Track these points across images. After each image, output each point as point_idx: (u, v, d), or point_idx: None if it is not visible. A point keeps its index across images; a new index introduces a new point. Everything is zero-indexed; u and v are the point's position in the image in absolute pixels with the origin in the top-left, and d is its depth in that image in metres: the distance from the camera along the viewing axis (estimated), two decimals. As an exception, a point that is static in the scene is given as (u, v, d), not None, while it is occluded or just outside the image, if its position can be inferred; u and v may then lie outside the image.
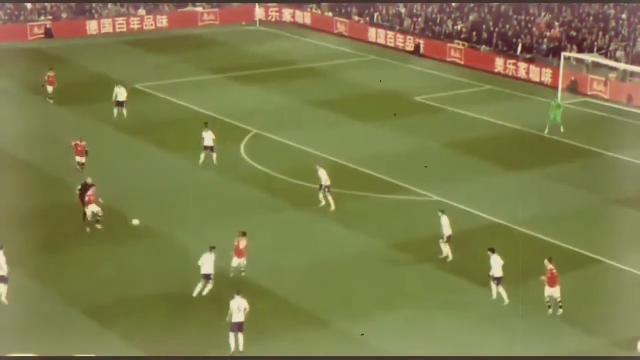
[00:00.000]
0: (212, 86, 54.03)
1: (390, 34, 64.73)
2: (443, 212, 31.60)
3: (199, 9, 71.59)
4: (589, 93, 51.20)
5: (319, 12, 71.11)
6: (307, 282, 29.84)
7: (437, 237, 31.58)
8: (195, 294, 28.39)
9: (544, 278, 27.88)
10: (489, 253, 28.80)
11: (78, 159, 38.40)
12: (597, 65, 52.40)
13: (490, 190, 38.04)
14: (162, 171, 39.79)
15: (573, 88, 52.04)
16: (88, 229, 33.21)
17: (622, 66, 51.70)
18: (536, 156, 42.10)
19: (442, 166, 40.43)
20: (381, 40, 65.13)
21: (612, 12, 57.93)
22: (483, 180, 39.12)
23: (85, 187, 33.63)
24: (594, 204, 36.70)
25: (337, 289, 29.66)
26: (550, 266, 27.89)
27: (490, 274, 28.68)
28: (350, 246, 32.69)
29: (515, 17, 61.03)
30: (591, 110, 49.41)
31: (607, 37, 55.18)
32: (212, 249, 28.58)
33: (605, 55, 53.52)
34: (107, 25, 67.88)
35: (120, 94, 46.39)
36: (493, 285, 28.74)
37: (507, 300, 28.46)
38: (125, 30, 68.16)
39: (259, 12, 71.97)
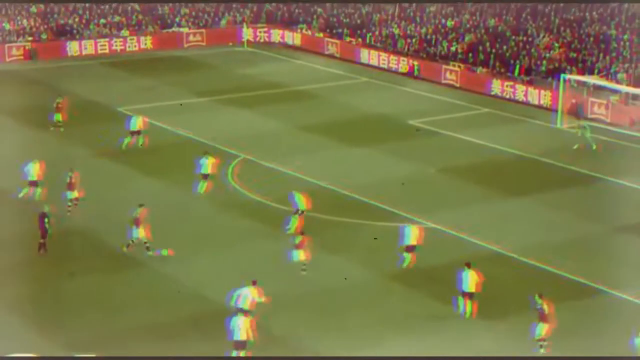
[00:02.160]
0: (198, 109, 54.19)
1: (384, 55, 65.10)
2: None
3: (184, 30, 71.89)
4: (590, 116, 51.49)
5: (309, 32, 71.49)
6: (296, 311, 29.82)
7: (431, 266, 31.71)
8: None
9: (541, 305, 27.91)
10: (465, 267, 29.61)
11: (69, 193, 37.30)
12: (598, 88, 52.73)
13: (487, 217, 38.16)
14: (145, 198, 39.71)
15: (573, 111, 52.32)
16: (125, 249, 33.41)
17: (623, 88, 52.04)
18: (535, 182, 42.30)
19: (437, 192, 40.57)
20: (374, 62, 65.48)
21: (613, 32, 58.36)
22: (480, 206, 39.25)
23: (42, 216, 33.54)
24: (595, 232, 36.84)
25: (326, 318, 29.64)
26: (538, 303, 27.79)
27: (462, 289, 29.47)
28: (342, 274, 32.69)
29: (513, 37, 61.44)
30: (592, 134, 49.59)
31: (607, 58, 55.59)
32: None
33: (607, 77, 53.88)
34: (88, 47, 68.08)
35: (135, 122, 45.94)
36: (461, 300, 29.49)
37: (469, 315, 29.26)
38: (107, 51, 68.40)
39: (247, 32, 72.31)
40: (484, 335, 28.74)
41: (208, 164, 39.84)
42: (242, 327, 26.59)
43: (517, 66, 58.15)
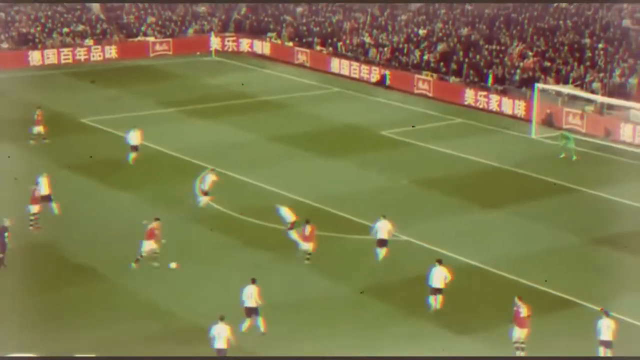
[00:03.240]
0: (165, 120, 54.07)
1: (355, 64, 65.28)
2: (384, 216, 34.46)
3: (150, 39, 71.75)
4: (565, 126, 51.86)
5: (279, 41, 71.58)
6: (269, 328, 29.74)
7: (405, 279, 31.78)
8: None
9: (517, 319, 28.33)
10: (436, 263, 30.78)
11: (33, 207, 37.02)
12: (572, 98, 53.12)
13: (462, 229, 38.29)
14: (110, 211, 39.65)
15: (548, 121, 52.69)
16: (134, 265, 33.46)
17: (598, 98, 52.46)
18: (510, 193, 42.52)
19: (410, 204, 40.68)
20: (345, 71, 65.65)
21: (588, 41, 58.85)
22: (453, 218, 39.39)
23: (2, 230, 33.30)
24: (571, 244, 37.05)
25: (300, 334, 29.61)
26: (517, 305, 28.21)
27: (430, 284, 30.55)
28: (314, 289, 32.69)
29: (486, 46, 61.81)
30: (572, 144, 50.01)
31: (582, 67, 56.04)
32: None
33: (581, 87, 54.31)
34: (51, 56, 67.77)
35: (133, 136, 45.64)
36: (432, 297, 30.54)
37: (438, 307, 30.52)
38: (70, 61, 68.13)
39: (215, 41, 72.29)
40: (461, 347, 28.77)
41: (209, 181, 39.86)
42: (222, 335, 26.99)
43: (491, 75, 58.49)
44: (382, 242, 34.53)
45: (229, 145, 49.13)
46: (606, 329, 27.93)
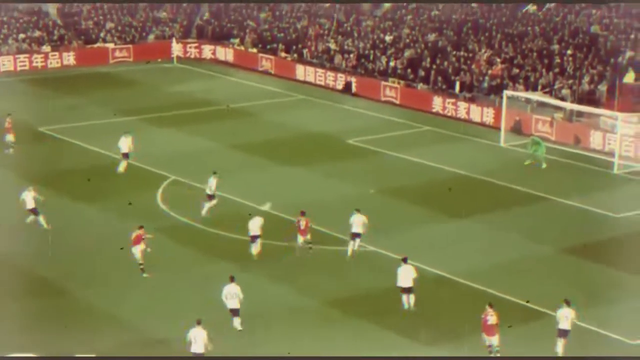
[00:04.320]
0: (126, 129, 53.73)
1: (320, 71, 65.39)
2: (358, 210, 35.75)
3: (110, 45, 71.47)
4: (534, 134, 52.19)
5: (242, 47, 71.56)
6: (234, 342, 29.68)
7: (374, 291, 31.86)
8: None
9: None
10: (402, 262, 31.69)
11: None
12: (541, 105, 53.51)
13: (431, 239, 38.44)
14: (71, 224, 39.43)
15: (517, 129, 53.03)
16: (145, 275, 33.77)
17: (568, 105, 52.89)
18: (479, 202, 42.72)
19: (377, 214, 40.64)
20: (310, 78, 65.75)
21: (556, 47, 59.32)
22: (423, 228, 39.53)
23: None
24: (541, 253, 37.30)
25: (263, 347, 29.56)
26: (487, 312, 28.59)
27: (399, 284, 31.35)
28: (280, 302, 32.67)
29: (453, 52, 62.14)
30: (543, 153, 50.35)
31: (551, 74, 56.47)
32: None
33: (550, 94, 54.72)
34: (6, 63, 67.32)
35: (124, 143, 45.36)
36: (404, 297, 31.41)
37: (413, 307, 31.29)
38: (27, 68, 67.69)
39: (176, 48, 72.15)
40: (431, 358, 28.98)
41: (214, 185, 40.04)
42: (199, 339, 27.59)
43: (458, 82, 58.81)
44: (356, 235, 35.62)
45: (190, 154, 49.00)
46: (564, 318, 28.90)
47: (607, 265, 36.08)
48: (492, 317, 28.59)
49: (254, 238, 35.93)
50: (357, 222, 35.69)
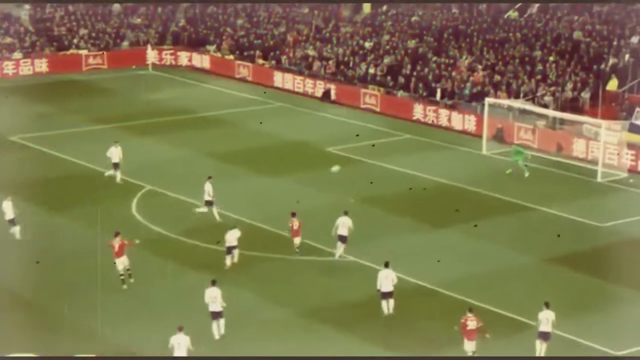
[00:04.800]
0: (100, 137, 53.65)
1: (299, 78, 65.43)
2: (346, 212, 36.66)
3: (83, 52, 71.28)
4: (516, 142, 52.37)
5: (219, 54, 71.52)
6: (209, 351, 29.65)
7: (352, 301, 31.86)
8: None
9: (456, 328, 29.26)
10: (383, 266, 32.18)
11: None
12: (524, 112, 53.70)
13: (412, 249, 38.48)
14: (45, 234, 39.26)
15: (499, 137, 53.17)
16: (125, 287, 33.97)
17: (550, 113, 53.08)
18: (461, 211, 42.76)
19: (357, 223, 40.67)
20: (288, 86, 65.78)
21: (539, 54, 59.56)
22: (403, 238, 39.57)
23: None
24: (524, 263, 37.41)
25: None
26: (466, 317, 29.00)
27: (379, 289, 31.80)
28: (259, 313, 32.63)
29: (434, 59, 62.31)
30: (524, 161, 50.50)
31: (533, 81, 56.70)
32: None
33: (533, 101, 54.92)
34: (-24, 70, 67.17)
35: (114, 153, 45.31)
36: (383, 302, 31.61)
37: (391, 312, 31.76)
38: (-2, 75, 67.53)
39: (152, 55, 72.03)
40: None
41: (211, 189, 40.36)
42: (182, 345, 28.04)
43: (439, 89, 58.95)
44: (342, 239, 36.41)
45: (166, 163, 48.92)
46: (545, 321, 29.38)
47: (591, 275, 36.21)
48: (472, 322, 29.07)
49: (230, 249, 35.90)
50: (344, 225, 36.45)
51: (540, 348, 29.64)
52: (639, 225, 41.53)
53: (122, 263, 34.26)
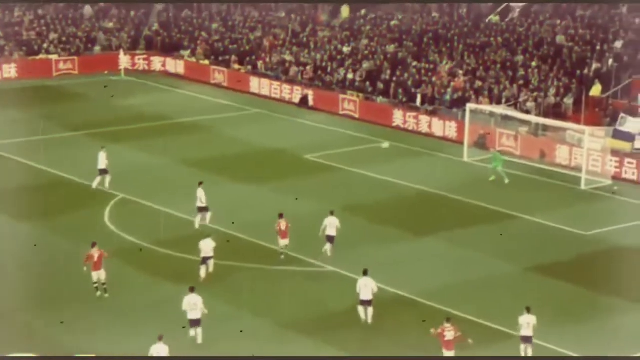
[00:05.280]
0: (71, 145, 53.55)
1: (275, 84, 65.47)
2: (332, 213, 37.82)
3: (54, 57, 71.06)
4: (498, 148, 52.54)
5: (194, 59, 71.48)
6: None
7: (332, 312, 31.91)
8: None
9: (433, 330, 29.48)
10: (362, 275, 32.42)
11: None
12: (506, 118, 53.90)
13: (391, 258, 38.54)
14: (15, 244, 39.09)
15: (481, 143, 53.34)
16: (99, 293, 34.07)
17: (533, 119, 53.31)
18: (442, 220, 42.92)
19: (337, 232, 40.75)
20: (265, 91, 65.80)
21: (521, 59, 59.82)
22: (385, 247, 39.62)
23: None
24: (506, 272, 37.53)
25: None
26: (443, 327, 29.28)
27: (361, 297, 32.02)
28: (235, 324, 32.60)
29: (414, 64, 62.48)
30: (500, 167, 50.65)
31: (515, 86, 56.95)
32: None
33: (515, 107, 55.14)
34: (-57, 76, 66.86)
35: (101, 159, 45.22)
36: (361, 308, 32.08)
37: (370, 320, 32.06)
38: (-35, 80, 67.25)
39: (124, 60, 71.90)
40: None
41: (203, 196, 40.54)
42: (163, 354, 28.33)
43: (420, 95, 59.10)
44: (330, 239, 37.46)
45: (139, 171, 48.82)
46: (526, 325, 29.98)
47: (575, 284, 36.36)
48: (450, 333, 29.25)
49: (205, 260, 35.83)
50: (332, 225, 37.50)
51: (526, 352, 30.08)
52: (623, 233, 41.76)
53: (97, 275, 34.10)
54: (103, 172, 45.24)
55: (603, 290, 35.78)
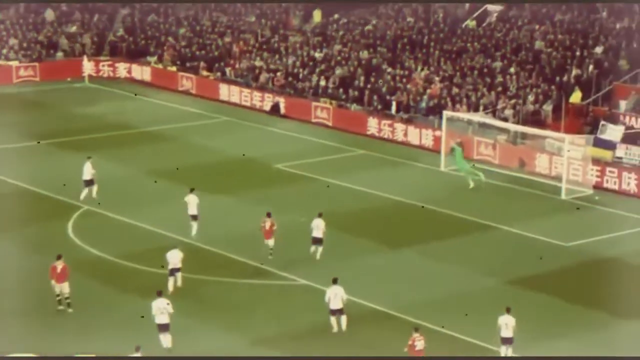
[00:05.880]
0: (33, 154, 53.26)
1: (246, 91, 65.43)
2: (320, 215, 38.97)
3: (14, 63, 70.74)
4: (476, 157, 52.75)
5: (160, 66, 71.34)
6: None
7: (304, 327, 31.89)
8: None
9: (406, 350, 29.65)
10: (331, 284, 32.91)
11: None
12: (483, 126, 54.07)
13: (367, 271, 38.56)
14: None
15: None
16: (61, 307, 33.98)
17: (511, 127, 53.49)
18: (419, 231, 43.01)
19: (310, 244, 40.75)
20: (235, 99, 65.76)
21: (499, 65, 60.08)
22: (358, 260, 39.63)
23: None
24: (486, 285, 37.60)
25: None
26: (413, 337, 29.66)
27: (331, 306, 32.54)
28: (205, 341, 32.49)
29: (388, 70, 62.60)
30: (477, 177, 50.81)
31: (492, 93, 57.16)
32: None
33: (493, 115, 55.33)
34: None
35: (87, 169, 45.29)
36: (333, 319, 32.53)
37: (344, 328, 32.38)
38: None
39: (88, 66, 71.67)
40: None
41: (195, 204, 40.89)
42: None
43: (395, 102, 59.20)
44: (317, 241, 38.79)
45: (105, 182, 48.48)
46: (505, 326, 30.75)
47: (556, 297, 36.48)
48: (420, 342, 29.68)
49: (173, 271, 35.73)
50: (319, 227, 38.70)
51: (506, 353, 30.64)
52: (605, 244, 41.95)
53: (60, 288, 33.95)
54: (89, 183, 45.28)
55: (584, 303, 35.92)
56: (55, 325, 33.35)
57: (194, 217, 41.22)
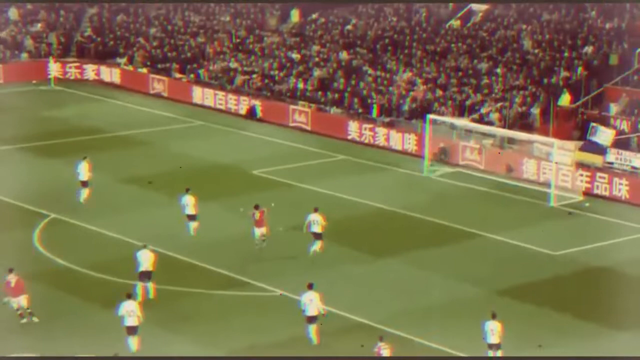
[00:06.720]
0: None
1: (220, 94, 65.50)
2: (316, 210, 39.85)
3: (-24, 66, 70.76)
4: (461, 162, 52.95)
5: (130, 67, 71.33)
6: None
7: (282, 340, 32.09)
8: None
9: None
10: (306, 289, 33.31)
11: None
12: (469, 130, 54.25)
13: (349, 281, 38.67)
14: None
15: (442, 157, 53.64)
16: (24, 320, 33.98)
17: (498, 131, 53.68)
18: (402, 239, 43.15)
19: (288, 254, 40.89)
20: (209, 102, 65.81)
21: (484, 66, 60.32)
22: (339, 269, 39.72)
23: None
24: (470, 296, 37.75)
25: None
26: (378, 346, 30.02)
27: (306, 313, 32.91)
28: (177, 353, 32.53)
29: (369, 72, 62.78)
30: (464, 182, 51.07)
31: (478, 95, 57.41)
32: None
33: (480, 119, 55.52)
34: None
35: (83, 170, 45.58)
36: (310, 326, 32.93)
37: (315, 340, 32.72)
38: None
39: (54, 68, 71.59)
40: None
41: (191, 204, 41.58)
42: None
43: (376, 106, 59.38)
44: (317, 236, 39.69)
45: (72, 188, 48.50)
46: (491, 332, 31.46)
47: (544, 307, 36.68)
48: (385, 350, 30.13)
49: (142, 276, 35.70)
50: (317, 222, 39.65)
51: (496, 354, 31.25)
52: (595, 253, 42.19)
53: (17, 301, 33.97)
54: (85, 184, 45.56)
55: (573, 314, 36.13)
56: (15, 339, 33.33)
57: (192, 217, 41.94)
